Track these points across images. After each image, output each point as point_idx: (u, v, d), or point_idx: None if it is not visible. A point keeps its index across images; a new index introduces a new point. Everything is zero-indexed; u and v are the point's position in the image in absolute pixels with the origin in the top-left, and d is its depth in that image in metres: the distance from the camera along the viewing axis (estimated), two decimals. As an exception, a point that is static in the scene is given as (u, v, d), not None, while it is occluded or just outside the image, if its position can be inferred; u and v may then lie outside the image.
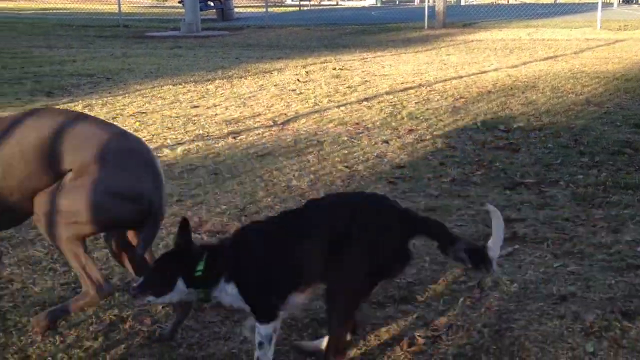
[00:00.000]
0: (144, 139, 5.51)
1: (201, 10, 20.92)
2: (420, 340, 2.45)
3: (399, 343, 2.45)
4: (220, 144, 5.49)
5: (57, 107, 7.03)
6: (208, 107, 7.10)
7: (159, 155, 5.11)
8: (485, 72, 9.40)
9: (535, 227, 3.47)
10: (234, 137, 5.72)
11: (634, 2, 33.52)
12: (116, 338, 2.52)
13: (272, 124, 6.26)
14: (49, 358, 2.37)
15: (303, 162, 4.92)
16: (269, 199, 4.08)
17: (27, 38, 15.49)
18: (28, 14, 24.70)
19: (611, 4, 28.95)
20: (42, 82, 8.77)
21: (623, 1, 31.89)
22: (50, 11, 28.37)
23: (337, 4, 47.75)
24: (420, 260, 3.09)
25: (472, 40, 14.68)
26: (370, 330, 2.53)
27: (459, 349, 2.40)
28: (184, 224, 2.17)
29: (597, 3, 17.61)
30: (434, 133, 5.70)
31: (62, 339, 2.49)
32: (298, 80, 8.95)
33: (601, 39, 14.00)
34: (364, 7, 40.06)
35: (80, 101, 7.45)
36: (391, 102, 7.17)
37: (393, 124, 6.12)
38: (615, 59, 10.35)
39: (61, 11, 28.39)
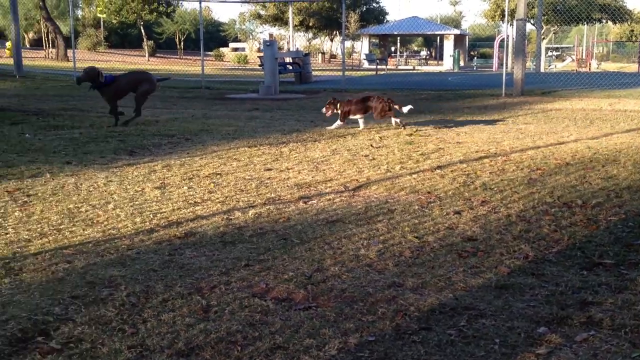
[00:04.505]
0: (217, 201, 5.70)
1: (280, 73, 21.59)
2: None
3: None
4: (291, 208, 5.55)
5: (139, 167, 7.35)
6: (281, 171, 7.23)
7: (230, 218, 5.23)
8: (563, 143, 9.19)
9: (613, 313, 3.30)
10: (305, 202, 5.78)
11: None
12: None
13: (343, 189, 6.30)
14: None
15: (372, 230, 4.90)
16: (336, 268, 4.06)
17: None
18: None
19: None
20: (126, 141, 9.20)
21: None
22: (139, 71, 29.90)
23: (413, 69, 48.34)
24: (490, 342, 2.98)
25: (551, 109, 14.43)
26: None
27: None
28: None
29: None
30: (509, 205, 5.57)
31: None
32: (371, 145, 9.01)
33: (689, 111, 13.50)
34: (440, 72, 40.38)
35: (160, 161, 7.74)
36: (465, 171, 7.09)
37: (466, 194, 6.03)
38: (703, 133, 9.93)
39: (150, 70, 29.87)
